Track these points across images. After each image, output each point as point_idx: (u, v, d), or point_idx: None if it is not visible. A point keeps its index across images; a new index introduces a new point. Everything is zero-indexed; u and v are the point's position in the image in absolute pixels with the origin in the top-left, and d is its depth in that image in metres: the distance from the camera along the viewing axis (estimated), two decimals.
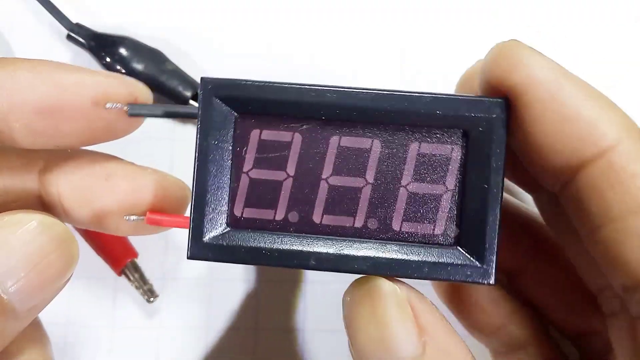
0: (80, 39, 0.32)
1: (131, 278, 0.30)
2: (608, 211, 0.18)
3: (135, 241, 0.31)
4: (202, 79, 0.20)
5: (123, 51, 0.31)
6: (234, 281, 0.30)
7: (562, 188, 0.19)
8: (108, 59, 0.31)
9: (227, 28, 0.33)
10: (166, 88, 0.31)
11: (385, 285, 0.18)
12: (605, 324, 0.22)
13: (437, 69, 0.32)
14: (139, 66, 0.31)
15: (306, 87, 0.20)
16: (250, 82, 0.20)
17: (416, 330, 0.17)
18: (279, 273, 0.30)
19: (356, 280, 0.20)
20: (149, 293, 0.30)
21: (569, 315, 0.25)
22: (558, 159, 0.18)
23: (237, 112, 0.20)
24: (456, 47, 0.33)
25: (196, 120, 0.20)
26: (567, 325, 0.25)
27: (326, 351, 0.29)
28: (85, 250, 0.31)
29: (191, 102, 0.31)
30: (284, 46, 0.33)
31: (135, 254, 0.30)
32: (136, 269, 0.30)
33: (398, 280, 0.20)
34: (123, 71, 0.31)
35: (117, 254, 0.30)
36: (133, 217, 0.26)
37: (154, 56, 0.31)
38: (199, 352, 0.30)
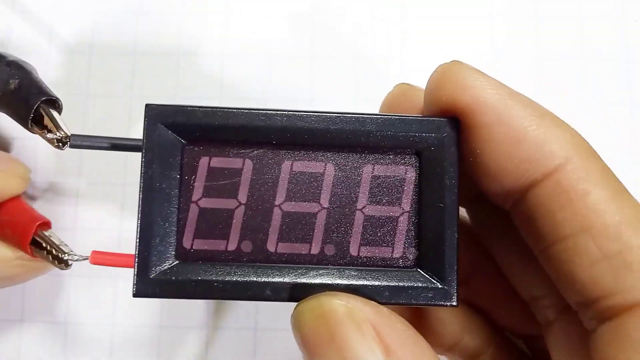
0: None
1: (43, 246, 0.26)
2: (558, 230, 0.17)
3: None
4: (146, 105, 0.19)
5: None
6: None
7: (513, 206, 0.19)
8: None
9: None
10: (13, 104, 0.26)
11: (339, 308, 0.17)
12: (540, 330, 0.22)
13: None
14: None
15: (254, 111, 0.19)
16: (197, 108, 0.19)
17: (381, 350, 0.16)
18: None
19: (305, 301, 0.18)
20: (62, 261, 0.26)
21: (513, 321, 0.25)
22: (507, 179, 0.18)
23: (184, 139, 0.19)
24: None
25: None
26: (515, 328, 0.25)
27: None
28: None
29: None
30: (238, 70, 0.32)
31: (40, 221, 0.26)
32: (45, 239, 0.26)
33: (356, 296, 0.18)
34: None
35: (22, 230, 0.26)
36: (76, 257, 0.25)
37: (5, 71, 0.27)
38: (200, 352, 0.30)
